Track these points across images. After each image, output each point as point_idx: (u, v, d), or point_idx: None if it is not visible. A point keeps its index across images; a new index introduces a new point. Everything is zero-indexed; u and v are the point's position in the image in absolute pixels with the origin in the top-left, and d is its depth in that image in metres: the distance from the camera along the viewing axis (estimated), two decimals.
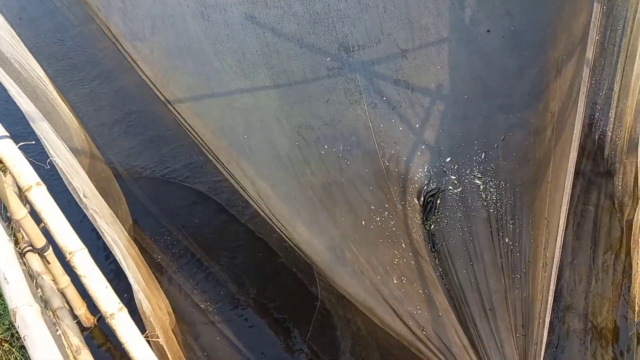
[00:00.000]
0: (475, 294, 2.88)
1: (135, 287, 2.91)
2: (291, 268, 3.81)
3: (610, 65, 3.53)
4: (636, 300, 3.05)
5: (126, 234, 3.52)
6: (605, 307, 3.31)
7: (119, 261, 2.99)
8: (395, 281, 2.97)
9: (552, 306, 3.19)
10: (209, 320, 3.73)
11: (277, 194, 3.14)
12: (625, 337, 3.15)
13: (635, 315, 2.88)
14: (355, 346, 3.39)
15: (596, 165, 3.82)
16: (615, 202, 3.66)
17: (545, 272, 2.72)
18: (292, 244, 3.05)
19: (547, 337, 2.80)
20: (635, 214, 3.34)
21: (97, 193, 3.29)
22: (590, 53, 3.00)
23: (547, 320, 2.60)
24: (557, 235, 2.71)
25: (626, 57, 3.32)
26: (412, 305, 2.88)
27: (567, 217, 3.38)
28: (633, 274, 3.27)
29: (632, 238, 3.35)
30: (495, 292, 2.86)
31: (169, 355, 3.00)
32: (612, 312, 3.31)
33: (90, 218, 2.92)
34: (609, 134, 3.74)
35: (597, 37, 3.11)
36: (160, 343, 2.88)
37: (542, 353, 2.58)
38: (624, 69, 3.39)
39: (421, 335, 2.77)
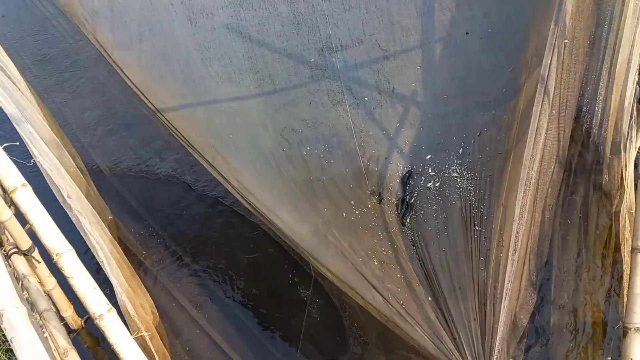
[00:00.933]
0: (447, 275, 3.11)
1: (117, 289, 2.98)
2: (278, 264, 3.86)
3: (598, 60, 3.64)
4: (624, 293, 3.17)
5: (109, 234, 3.56)
6: (593, 300, 3.46)
7: (101, 263, 3.06)
8: (375, 263, 3.18)
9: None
10: (194, 319, 3.79)
11: (261, 186, 3.31)
12: (612, 329, 3.32)
13: (624, 309, 2.95)
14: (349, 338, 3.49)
15: (583, 157, 3.94)
16: (603, 194, 3.77)
17: (501, 253, 2.91)
18: (275, 231, 3.24)
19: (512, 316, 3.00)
20: (622, 209, 3.50)
21: (81, 194, 3.34)
22: (551, 56, 3.13)
23: (505, 297, 2.80)
24: (512, 220, 2.89)
25: (613, 51, 3.43)
26: (391, 283, 3.07)
27: (535, 205, 3.54)
28: (624, 268, 3.42)
29: (620, 231, 3.51)
30: (464, 274, 3.08)
31: (155, 355, 3.08)
32: (599, 308, 3.45)
33: (73, 219, 2.98)
34: (595, 127, 3.85)
35: (565, 39, 3.24)
36: (147, 342, 2.95)
37: (500, 328, 2.76)
38: (610, 63, 3.52)
39: (400, 310, 2.96)
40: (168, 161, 4.69)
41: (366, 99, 3.67)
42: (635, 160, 3.72)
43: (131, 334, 2.51)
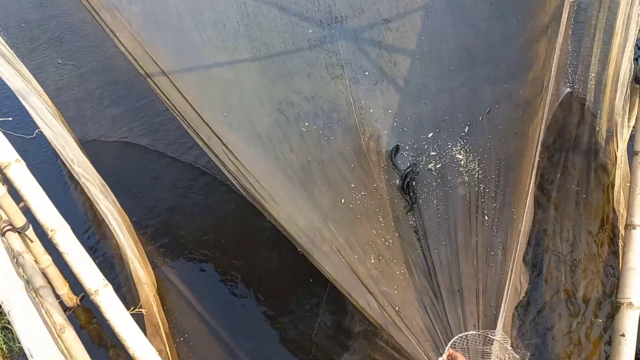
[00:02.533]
0: (446, 274, 3.22)
1: (130, 255, 3.26)
2: (280, 245, 4.05)
3: (592, 36, 3.84)
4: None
5: (118, 204, 3.89)
6: (587, 278, 3.72)
7: (112, 229, 3.36)
8: (372, 260, 3.30)
9: (530, 279, 3.65)
10: (191, 295, 4.18)
11: (256, 172, 3.42)
12: (605, 306, 3.58)
13: (617, 287, 3.19)
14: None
15: (580, 133, 4.14)
16: (599, 170, 4.04)
17: (516, 249, 3.03)
18: (272, 220, 3.34)
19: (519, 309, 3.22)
20: (617, 185, 3.72)
21: (89, 162, 3.61)
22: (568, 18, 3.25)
23: (520, 295, 2.98)
24: (532, 210, 3.09)
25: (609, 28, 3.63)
26: (388, 285, 3.21)
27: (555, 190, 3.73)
28: (620, 243, 3.68)
29: (615, 207, 3.74)
30: (465, 273, 3.18)
31: (160, 325, 3.40)
32: (595, 283, 3.71)
33: (83, 187, 3.21)
34: (590, 103, 4.14)
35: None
36: (152, 311, 3.24)
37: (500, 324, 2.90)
38: (606, 41, 3.73)
39: (395, 318, 3.08)
40: (167, 136, 5.16)
41: (367, 73, 3.86)
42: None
43: (140, 304, 2.73)
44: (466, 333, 3.05)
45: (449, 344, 2.98)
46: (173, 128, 5.10)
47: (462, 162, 3.62)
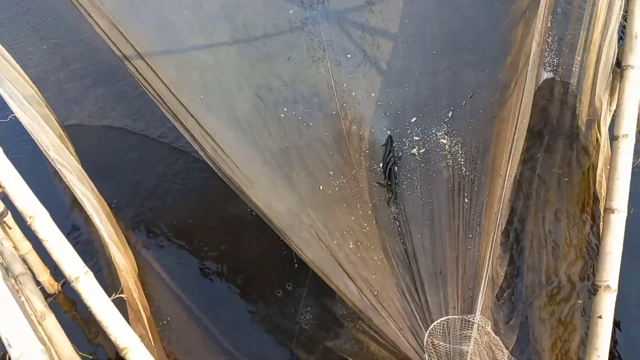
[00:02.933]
0: (428, 257, 3.33)
1: (108, 241, 3.32)
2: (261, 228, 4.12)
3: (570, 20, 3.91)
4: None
5: (95, 190, 3.96)
6: (568, 260, 3.87)
7: (90, 215, 3.41)
8: (351, 246, 3.41)
9: (510, 262, 3.77)
10: (172, 281, 4.29)
11: (235, 157, 3.48)
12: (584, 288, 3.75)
13: (596, 269, 3.32)
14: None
15: (562, 116, 4.25)
16: (581, 154, 4.17)
17: (495, 232, 3.14)
18: (251, 206, 3.42)
19: (500, 291, 3.36)
20: (598, 168, 3.84)
21: (64, 147, 3.66)
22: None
23: (499, 276, 3.12)
24: (509, 192, 3.18)
25: (591, 14, 3.73)
26: (367, 270, 3.30)
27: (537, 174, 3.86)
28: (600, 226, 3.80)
29: (597, 191, 3.86)
30: (448, 255, 3.30)
31: (142, 311, 3.48)
32: (575, 265, 3.86)
33: (59, 173, 3.27)
34: (573, 87, 4.24)
35: None
36: (133, 297, 3.32)
37: (479, 308, 3.05)
38: (588, 26, 3.82)
39: (374, 302, 3.19)
40: (152, 117, 5.20)
41: (349, 55, 3.90)
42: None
43: (120, 290, 2.79)
44: (446, 318, 3.18)
45: (429, 330, 3.12)
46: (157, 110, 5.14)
47: (446, 146, 3.70)
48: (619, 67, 3.65)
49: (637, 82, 3.28)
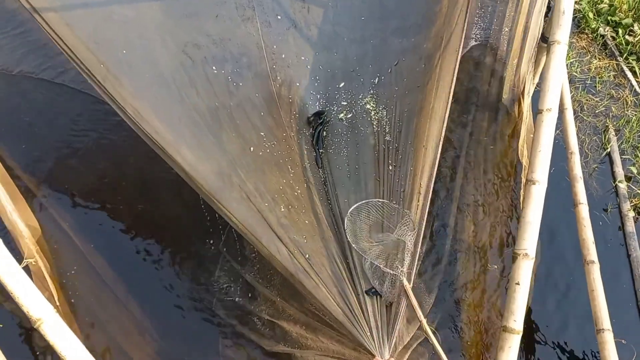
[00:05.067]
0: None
1: (8, 207, 3.26)
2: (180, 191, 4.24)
3: None
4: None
5: None
6: (490, 228, 4.30)
7: None
8: (282, 209, 3.47)
9: (432, 234, 4.15)
10: (79, 248, 4.27)
11: (158, 115, 3.43)
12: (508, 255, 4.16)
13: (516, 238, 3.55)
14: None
15: (489, 87, 4.73)
16: (505, 124, 4.65)
17: (418, 201, 3.35)
18: (176, 170, 3.40)
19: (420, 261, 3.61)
20: (521, 138, 4.35)
21: None
22: None
23: (418, 248, 3.25)
24: (433, 163, 3.34)
25: None
26: (298, 234, 3.37)
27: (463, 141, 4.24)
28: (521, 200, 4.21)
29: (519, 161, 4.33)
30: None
31: (48, 280, 3.49)
32: (497, 233, 4.29)
33: None
34: (500, 59, 4.68)
35: None
36: (38, 264, 3.32)
37: (413, 277, 3.21)
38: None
39: (305, 265, 3.30)
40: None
41: (279, 17, 4.05)
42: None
43: (25, 257, 2.78)
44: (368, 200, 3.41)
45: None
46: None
47: (372, 112, 3.93)
48: (545, 41, 3.94)
49: (563, 57, 3.45)
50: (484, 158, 4.54)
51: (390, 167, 3.64)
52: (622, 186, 4.96)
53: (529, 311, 4.13)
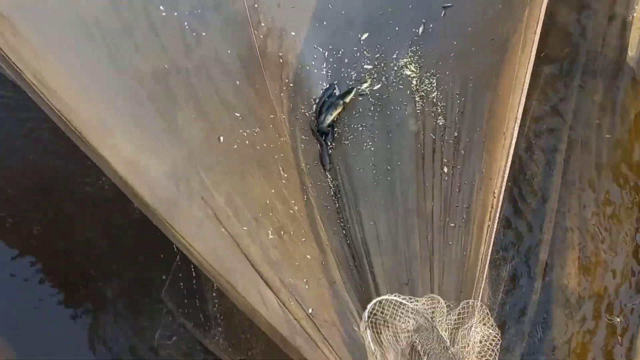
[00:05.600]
0: (387, 257, 2.80)
1: None
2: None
3: None
4: None
5: None
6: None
7: None
8: (270, 236, 2.79)
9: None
10: None
11: (76, 83, 2.65)
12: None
13: None
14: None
15: None
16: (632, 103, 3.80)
17: (492, 220, 2.60)
18: (102, 168, 2.59)
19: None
20: None
21: None
22: None
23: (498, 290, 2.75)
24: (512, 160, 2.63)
25: None
26: (295, 275, 2.71)
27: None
28: None
29: None
30: (417, 254, 2.74)
31: None
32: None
33: None
34: None
35: None
36: None
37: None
38: None
39: (307, 326, 2.60)
40: None
41: None
42: None
43: None
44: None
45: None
46: None
47: (414, 81, 3.16)
48: None
49: None
50: (597, 152, 3.63)
51: (445, 169, 2.91)
52: None
53: None
